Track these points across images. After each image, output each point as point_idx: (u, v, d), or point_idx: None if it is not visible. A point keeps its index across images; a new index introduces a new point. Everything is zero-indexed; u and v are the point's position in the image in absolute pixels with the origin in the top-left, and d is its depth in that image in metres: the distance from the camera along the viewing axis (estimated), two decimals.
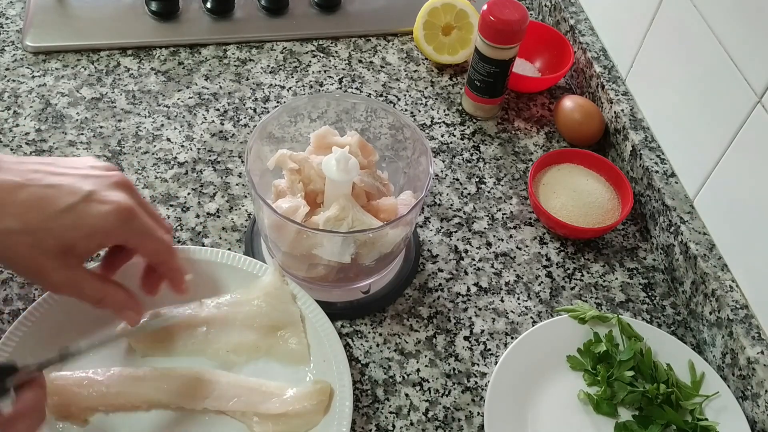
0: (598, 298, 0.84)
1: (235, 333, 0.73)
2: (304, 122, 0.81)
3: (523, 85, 1.03)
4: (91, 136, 0.92)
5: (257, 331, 0.73)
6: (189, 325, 0.72)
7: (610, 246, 0.89)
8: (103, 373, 0.69)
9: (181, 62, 1.02)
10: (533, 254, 0.87)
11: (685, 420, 0.72)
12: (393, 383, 0.75)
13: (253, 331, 0.73)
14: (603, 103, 0.99)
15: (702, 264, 0.80)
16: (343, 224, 0.72)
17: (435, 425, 0.73)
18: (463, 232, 0.88)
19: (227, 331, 0.73)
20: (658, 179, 0.88)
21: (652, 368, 0.75)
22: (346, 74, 1.04)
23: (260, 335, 0.73)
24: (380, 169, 0.82)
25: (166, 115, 0.96)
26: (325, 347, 0.73)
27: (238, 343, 0.73)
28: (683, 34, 0.85)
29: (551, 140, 1.00)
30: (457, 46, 1.05)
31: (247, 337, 0.73)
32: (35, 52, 1.00)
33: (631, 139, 0.93)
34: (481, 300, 0.82)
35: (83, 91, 0.97)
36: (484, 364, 0.77)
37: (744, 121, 0.76)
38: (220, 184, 0.89)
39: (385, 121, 0.81)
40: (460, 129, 1.00)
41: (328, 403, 0.70)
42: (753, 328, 0.75)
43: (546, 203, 0.88)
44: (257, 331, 0.73)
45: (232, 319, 0.73)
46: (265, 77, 1.02)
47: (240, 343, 0.73)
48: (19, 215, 0.56)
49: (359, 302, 0.79)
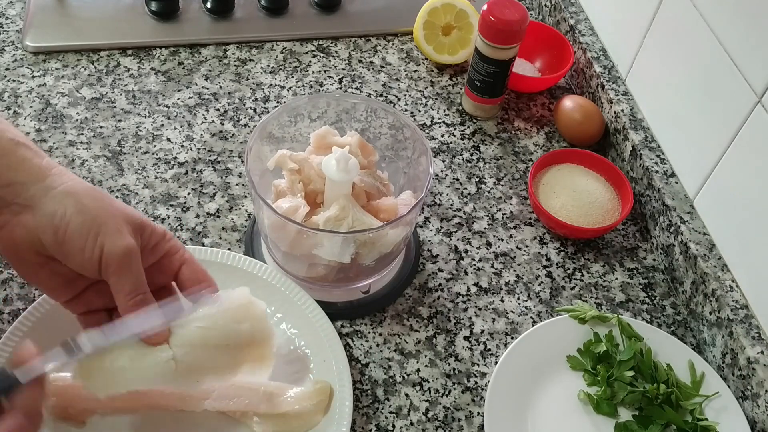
0: (598, 298, 0.84)
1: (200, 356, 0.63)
2: (304, 122, 0.81)
3: (523, 85, 1.03)
4: (91, 136, 0.92)
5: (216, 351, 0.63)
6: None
7: (610, 246, 0.89)
8: None
9: (181, 62, 1.02)
10: (533, 254, 0.87)
11: (685, 420, 0.72)
12: (393, 383, 0.75)
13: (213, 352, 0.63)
14: (603, 103, 0.99)
15: (702, 264, 0.80)
16: (343, 224, 0.72)
17: (435, 425, 0.73)
18: (463, 232, 0.88)
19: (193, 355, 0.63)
20: (658, 179, 0.88)
21: (652, 368, 0.75)
22: (346, 74, 1.04)
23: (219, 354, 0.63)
24: (380, 169, 0.82)
25: (166, 115, 0.96)
26: (325, 347, 0.73)
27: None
28: (683, 34, 0.85)
29: (551, 140, 1.00)
30: (457, 46, 1.05)
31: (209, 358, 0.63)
32: (35, 52, 1.00)
33: (631, 139, 0.93)
34: (481, 300, 0.82)
35: (83, 91, 0.97)
36: (484, 364, 0.77)
37: (744, 121, 0.76)
38: (220, 184, 0.89)
39: (385, 121, 0.81)
40: (460, 129, 1.00)
41: (328, 403, 0.70)
42: (753, 328, 0.75)
43: (546, 203, 0.88)
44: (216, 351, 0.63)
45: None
46: (265, 77, 1.02)
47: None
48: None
49: (359, 302, 0.79)
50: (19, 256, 0.59)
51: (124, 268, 0.58)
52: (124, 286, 0.58)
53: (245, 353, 0.64)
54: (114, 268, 0.57)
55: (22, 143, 0.59)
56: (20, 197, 0.57)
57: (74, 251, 0.57)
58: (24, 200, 0.57)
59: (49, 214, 0.57)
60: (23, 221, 0.57)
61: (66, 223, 0.57)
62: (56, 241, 0.57)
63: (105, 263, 0.57)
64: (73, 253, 0.57)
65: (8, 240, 0.58)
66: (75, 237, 0.57)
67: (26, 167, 0.58)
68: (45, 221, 0.57)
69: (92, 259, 0.57)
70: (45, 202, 0.57)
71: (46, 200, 0.57)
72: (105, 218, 0.58)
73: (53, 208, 0.57)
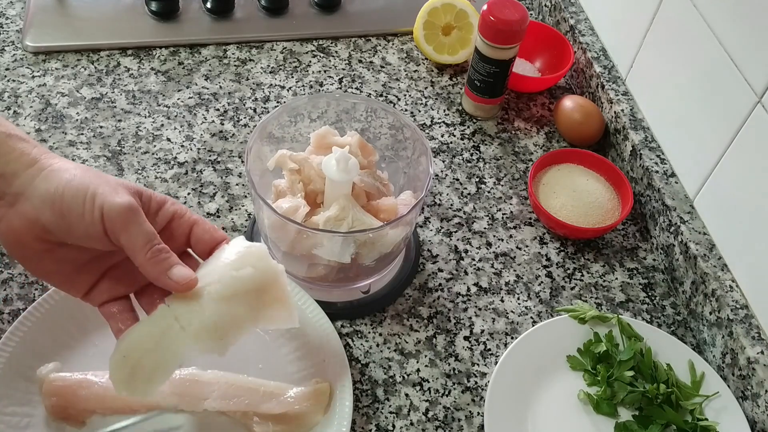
0: (598, 298, 0.84)
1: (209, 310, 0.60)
2: (304, 122, 0.81)
3: (523, 85, 1.03)
4: (91, 136, 0.92)
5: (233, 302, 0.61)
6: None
7: (610, 246, 0.89)
8: (101, 375, 0.69)
9: (181, 62, 1.02)
10: (533, 254, 0.87)
11: (685, 420, 0.72)
12: (393, 383, 0.75)
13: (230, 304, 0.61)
14: (603, 103, 0.99)
15: (702, 264, 0.80)
16: (343, 224, 0.72)
17: (435, 425, 0.73)
18: (463, 232, 0.88)
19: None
20: (658, 179, 0.88)
21: (652, 368, 0.75)
22: (346, 74, 1.04)
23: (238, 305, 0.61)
24: (380, 169, 0.82)
25: (166, 115, 0.96)
26: (325, 347, 0.73)
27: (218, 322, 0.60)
28: (683, 34, 0.85)
29: (551, 140, 1.00)
30: (457, 46, 1.05)
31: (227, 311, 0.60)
32: (35, 52, 1.00)
33: (631, 139, 0.93)
34: (481, 300, 0.82)
35: (83, 91, 0.97)
36: (484, 364, 0.77)
37: (744, 121, 0.76)
38: (220, 184, 0.89)
39: (385, 121, 0.81)
40: (460, 129, 1.00)
41: (328, 403, 0.70)
42: (753, 328, 0.75)
43: (546, 203, 0.88)
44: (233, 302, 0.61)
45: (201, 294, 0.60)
46: (265, 77, 1.02)
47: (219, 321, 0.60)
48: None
49: (359, 302, 0.79)
50: (23, 247, 0.57)
51: (130, 223, 0.56)
52: (137, 241, 0.57)
53: (260, 300, 0.61)
54: (120, 224, 0.56)
55: (14, 135, 0.58)
56: (12, 187, 0.57)
57: (75, 220, 0.56)
58: (16, 189, 0.57)
59: (42, 192, 0.56)
60: (20, 210, 0.56)
61: (60, 194, 0.56)
62: (56, 216, 0.56)
63: (109, 223, 0.56)
64: (75, 223, 0.56)
65: (9, 232, 0.57)
66: (72, 206, 0.56)
67: (16, 157, 0.57)
68: (40, 201, 0.56)
69: (94, 223, 0.56)
70: (37, 184, 0.56)
71: (38, 181, 0.56)
72: (99, 183, 0.57)
73: (46, 186, 0.56)
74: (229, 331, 0.59)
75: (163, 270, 0.58)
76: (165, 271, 0.58)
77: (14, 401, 0.67)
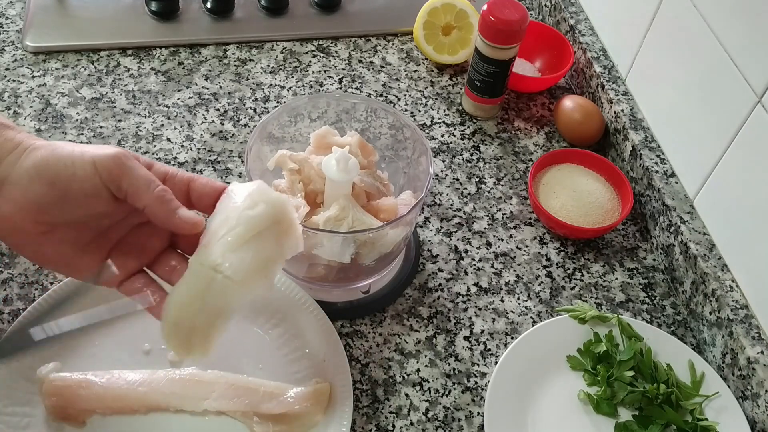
0: (598, 298, 0.84)
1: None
2: (304, 122, 0.81)
3: (523, 85, 1.03)
4: (91, 136, 0.92)
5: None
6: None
7: (610, 246, 0.89)
8: (101, 375, 0.69)
9: (181, 62, 1.02)
10: (533, 254, 0.87)
11: (685, 420, 0.72)
12: (393, 383, 0.75)
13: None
14: (603, 103, 0.99)
15: (702, 264, 0.80)
16: (343, 224, 0.72)
17: (435, 425, 0.73)
18: (463, 232, 0.88)
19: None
20: (658, 179, 0.88)
21: (652, 368, 0.75)
22: (346, 74, 1.04)
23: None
24: (380, 169, 0.82)
25: (166, 115, 0.96)
26: (325, 347, 0.73)
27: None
28: (683, 34, 0.85)
29: (551, 140, 1.00)
30: (457, 46, 1.05)
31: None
32: (35, 52, 1.00)
33: (631, 139, 0.93)
34: (481, 300, 0.82)
35: (83, 91, 0.97)
36: (484, 364, 0.77)
37: (744, 121, 0.76)
38: None
39: (385, 121, 0.81)
40: (460, 129, 1.00)
41: (328, 403, 0.70)
42: (753, 328, 0.75)
43: (546, 203, 0.88)
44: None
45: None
46: (265, 77, 1.02)
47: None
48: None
49: (359, 302, 0.79)
50: (19, 233, 0.56)
51: (127, 167, 0.56)
52: (139, 181, 0.56)
53: (279, 230, 0.60)
54: (117, 170, 0.55)
55: (0, 122, 0.57)
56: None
57: (67, 183, 0.55)
58: (1, 174, 0.55)
59: (28, 168, 0.55)
60: (7, 196, 0.55)
61: (45, 163, 0.55)
62: (46, 186, 0.55)
63: (106, 172, 0.55)
64: (68, 184, 0.55)
65: (1, 220, 0.55)
66: (60, 169, 0.55)
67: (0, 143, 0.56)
68: (27, 179, 0.55)
69: (90, 177, 0.55)
70: (21, 162, 0.55)
71: (21, 161, 0.55)
72: (83, 146, 0.56)
73: (29, 162, 0.55)
74: (268, 265, 0.58)
75: (172, 209, 0.57)
76: (174, 210, 0.57)
77: (14, 401, 0.67)
